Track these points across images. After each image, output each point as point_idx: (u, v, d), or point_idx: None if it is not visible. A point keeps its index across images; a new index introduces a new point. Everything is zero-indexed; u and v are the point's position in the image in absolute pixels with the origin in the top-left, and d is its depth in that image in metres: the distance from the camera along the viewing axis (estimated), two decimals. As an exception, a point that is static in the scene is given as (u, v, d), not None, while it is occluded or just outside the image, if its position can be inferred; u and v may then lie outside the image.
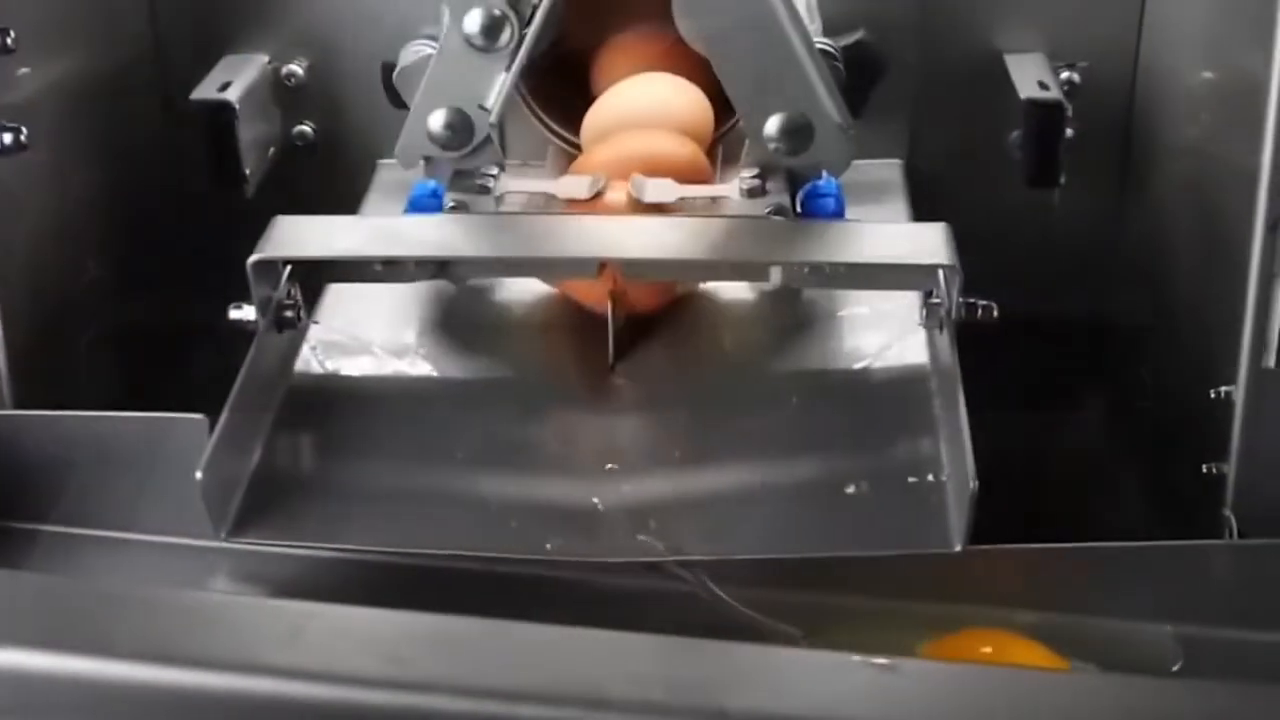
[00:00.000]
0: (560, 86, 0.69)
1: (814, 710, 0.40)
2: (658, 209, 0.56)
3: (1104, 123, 0.66)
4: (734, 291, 0.59)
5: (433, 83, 0.56)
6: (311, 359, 0.57)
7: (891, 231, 0.55)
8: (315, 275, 0.57)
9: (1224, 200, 0.54)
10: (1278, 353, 0.52)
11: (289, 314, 0.55)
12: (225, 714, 0.39)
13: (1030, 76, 0.63)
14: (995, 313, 0.54)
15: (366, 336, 0.58)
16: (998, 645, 0.49)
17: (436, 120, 0.56)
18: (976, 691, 0.41)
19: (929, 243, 0.53)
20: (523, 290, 0.61)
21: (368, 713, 0.39)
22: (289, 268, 0.56)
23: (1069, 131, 0.67)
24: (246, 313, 0.54)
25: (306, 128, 0.69)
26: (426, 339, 0.59)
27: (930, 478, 0.50)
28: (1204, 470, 0.54)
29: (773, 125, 0.56)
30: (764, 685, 0.40)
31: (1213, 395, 0.53)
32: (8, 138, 0.53)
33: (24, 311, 0.57)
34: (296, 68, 0.67)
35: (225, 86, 0.63)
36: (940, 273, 0.53)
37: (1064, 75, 0.66)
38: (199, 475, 0.47)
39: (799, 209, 0.58)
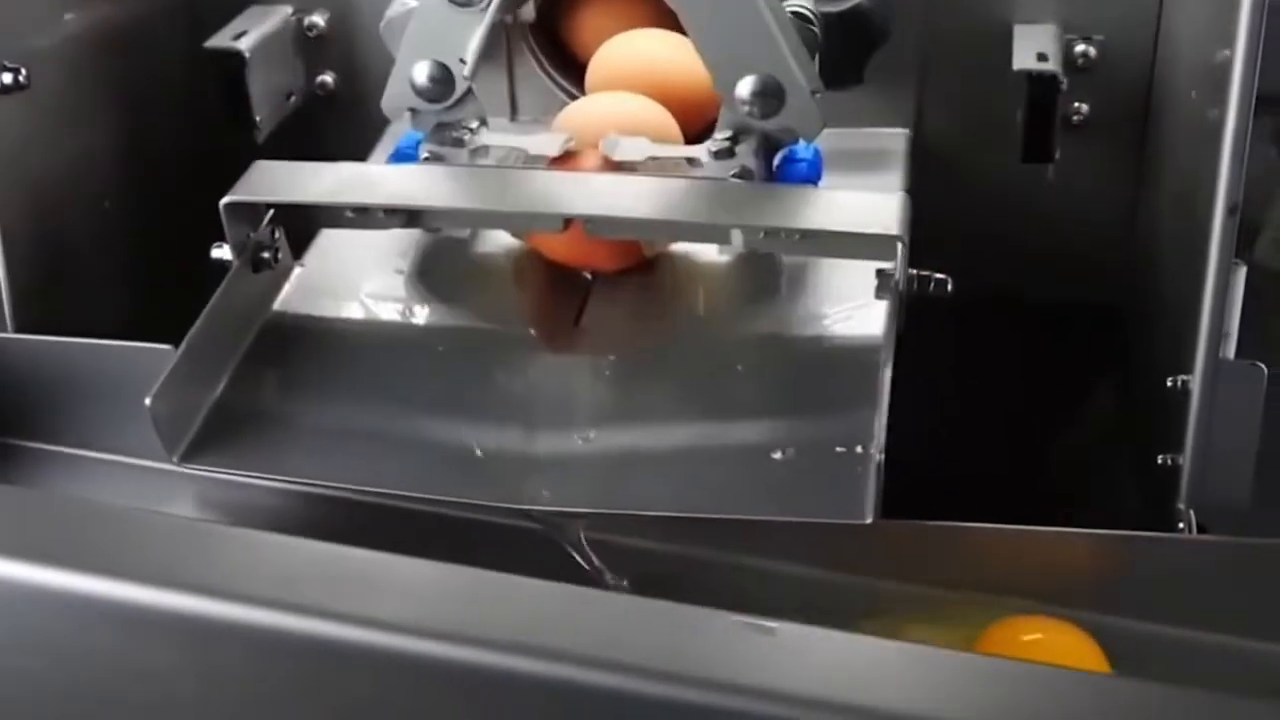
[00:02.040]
0: (568, 44, 0.71)
1: (685, 668, 0.41)
2: (624, 167, 0.56)
3: (1121, 99, 0.64)
4: (707, 254, 0.59)
5: (414, 36, 0.57)
6: (291, 299, 0.59)
7: (850, 200, 0.54)
8: (294, 219, 0.59)
9: (1200, 183, 0.52)
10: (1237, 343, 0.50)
11: (266, 255, 0.57)
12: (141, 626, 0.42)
13: (1031, 48, 0.61)
14: (949, 287, 0.53)
15: (350, 281, 0.60)
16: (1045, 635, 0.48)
17: (420, 73, 0.58)
18: (849, 661, 0.42)
19: (883, 213, 0.53)
20: (508, 243, 0.62)
21: (257, 631, 0.42)
22: (271, 211, 0.58)
23: (1083, 108, 0.66)
24: (226, 252, 0.57)
25: (328, 78, 0.71)
26: (408, 286, 0.60)
27: (859, 449, 0.50)
28: (1160, 461, 0.53)
29: (744, 88, 0.56)
30: (636, 639, 0.41)
31: (1169, 384, 0.52)
32: (7, 78, 0.56)
33: (29, 242, 0.60)
34: (318, 19, 0.69)
35: (240, 35, 0.65)
36: (895, 244, 0.52)
37: (1079, 48, 0.64)
38: (148, 402, 0.50)
39: (775, 173, 0.58)
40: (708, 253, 0.60)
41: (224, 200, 0.55)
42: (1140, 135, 0.65)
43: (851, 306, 0.56)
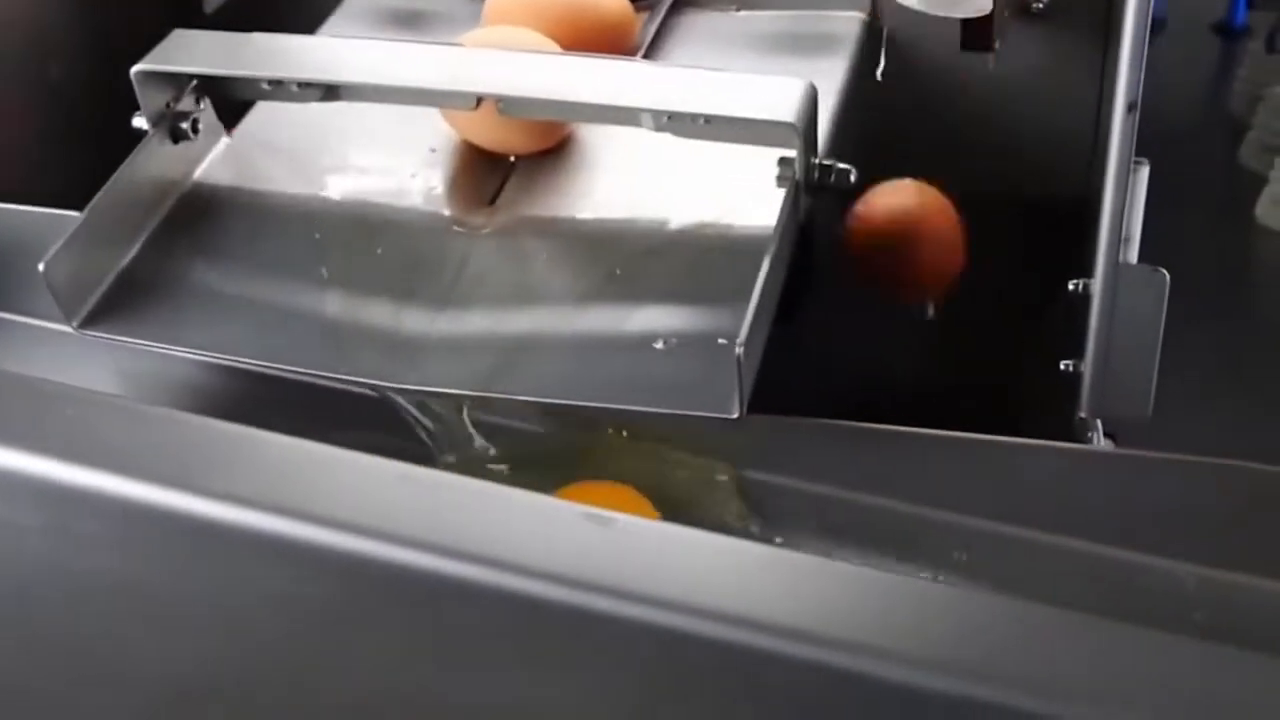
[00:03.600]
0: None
1: (510, 553, 0.40)
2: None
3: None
4: (629, 137, 0.58)
5: None
6: (214, 170, 0.59)
7: (755, 85, 0.53)
8: (226, 90, 0.59)
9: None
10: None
11: (184, 125, 0.57)
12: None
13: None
14: (852, 177, 0.52)
15: (277, 154, 0.60)
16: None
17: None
18: (683, 554, 0.41)
19: (784, 99, 0.51)
20: (439, 123, 0.61)
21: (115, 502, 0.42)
22: (194, 81, 0.58)
23: (1040, -1, 0.63)
24: (143, 121, 0.57)
25: (287, -52, 0.70)
26: (334, 162, 0.60)
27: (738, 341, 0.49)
28: (1063, 368, 0.51)
29: None
30: (466, 521, 0.41)
31: (1071, 288, 0.50)
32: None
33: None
34: (274, -115, 0.68)
35: (185, -98, 0.65)
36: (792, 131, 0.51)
37: (1040, -70, 0.61)
38: (41, 267, 0.51)
39: None
40: (634, 135, 0.58)
41: (134, 69, 0.55)
42: (1105, 27, 0.62)
43: (757, 192, 0.54)
